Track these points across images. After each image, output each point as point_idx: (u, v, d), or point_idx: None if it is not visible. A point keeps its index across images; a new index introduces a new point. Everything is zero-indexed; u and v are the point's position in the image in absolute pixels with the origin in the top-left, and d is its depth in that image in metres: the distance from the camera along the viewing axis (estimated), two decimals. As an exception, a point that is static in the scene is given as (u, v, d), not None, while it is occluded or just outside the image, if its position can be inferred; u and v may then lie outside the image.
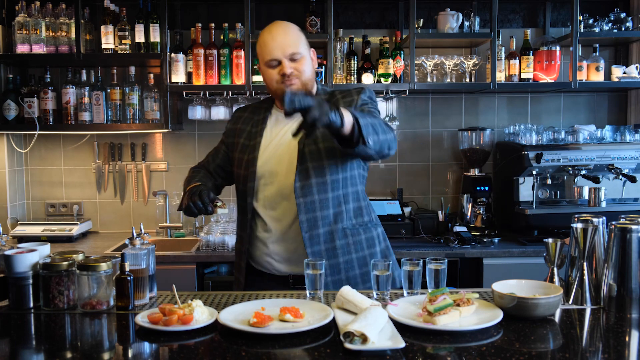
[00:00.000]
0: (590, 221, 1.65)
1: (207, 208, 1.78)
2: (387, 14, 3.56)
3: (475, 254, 2.91)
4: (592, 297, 1.63)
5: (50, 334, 1.50)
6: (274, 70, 1.87)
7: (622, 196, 3.17)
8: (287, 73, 1.85)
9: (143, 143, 3.52)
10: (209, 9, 3.50)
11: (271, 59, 1.86)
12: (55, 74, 3.44)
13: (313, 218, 1.88)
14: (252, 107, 2.10)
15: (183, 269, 2.89)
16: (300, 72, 1.87)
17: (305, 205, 1.87)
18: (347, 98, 1.96)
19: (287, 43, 1.85)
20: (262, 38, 1.89)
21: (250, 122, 2.04)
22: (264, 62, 1.88)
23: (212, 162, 2.11)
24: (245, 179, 1.96)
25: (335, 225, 1.91)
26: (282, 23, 1.92)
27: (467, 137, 3.39)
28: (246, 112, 2.10)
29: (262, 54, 1.89)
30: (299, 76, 1.87)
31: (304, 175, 1.87)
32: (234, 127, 2.08)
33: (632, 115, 3.57)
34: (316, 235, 1.89)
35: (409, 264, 1.67)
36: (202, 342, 1.38)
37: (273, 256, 1.96)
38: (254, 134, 1.99)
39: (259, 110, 2.06)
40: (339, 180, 1.91)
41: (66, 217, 3.51)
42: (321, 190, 1.89)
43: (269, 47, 1.86)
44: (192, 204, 1.78)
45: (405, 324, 1.42)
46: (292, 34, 1.88)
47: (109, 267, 1.64)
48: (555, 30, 3.57)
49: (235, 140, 2.05)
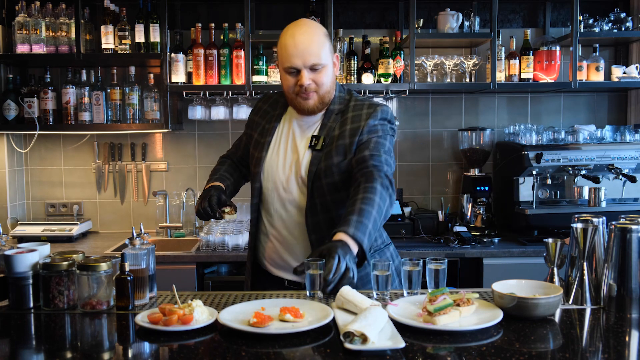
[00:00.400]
0: (590, 221, 1.65)
1: (215, 214, 1.76)
2: (387, 14, 3.56)
3: (475, 254, 2.91)
4: (592, 297, 1.63)
5: (50, 334, 1.50)
6: (292, 77, 1.79)
7: (622, 196, 3.17)
8: (305, 85, 1.77)
9: (143, 143, 3.52)
10: (209, 9, 3.51)
11: (290, 66, 1.77)
12: (55, 74, 3.44)
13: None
14: (272, 100, 2.01)
15: (183, 269, 2.89)
16: (319, 84, 1.79)
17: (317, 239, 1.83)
18: (354, 124, 1.84)
19: (310, 52, 1.75)
20: (284, 40, 1.78)
21: (266, 116, 1.98)
22: (283, 67, 1.79)
23: (236, 153, 2.09)
24: (254, 177, 1.92)
25: None
26: (307, 26, 1.79)
27: (467, 137, 3.39)
28: (266, 104, 2.01)
29: (281, 57, 1.79)
30: (318, 90, 1.79)
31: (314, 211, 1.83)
32: (254, 118, 2.02)
33: (632, 115, 3.57)
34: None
35: (409, 264, 1.67)
36: (202, 342, 1.38)
37: (269, 259, 1.94)
38: (267, 132, 1.93)
39: (276, 105, 1.98)
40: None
41: (66, 217, 3.51)
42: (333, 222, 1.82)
43: (289, 54, 1.75)
44: (202, 209, 1.78)
45: (405, 324, 1.41)
46: (316, 42, 1.76)
47: (109, 267, 1.64)
48: (555, 30, 3.57)
49: (252, 132, 1.99)
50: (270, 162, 1.89)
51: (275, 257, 1.93)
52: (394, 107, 3.57)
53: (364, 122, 1.83)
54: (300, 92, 1.79)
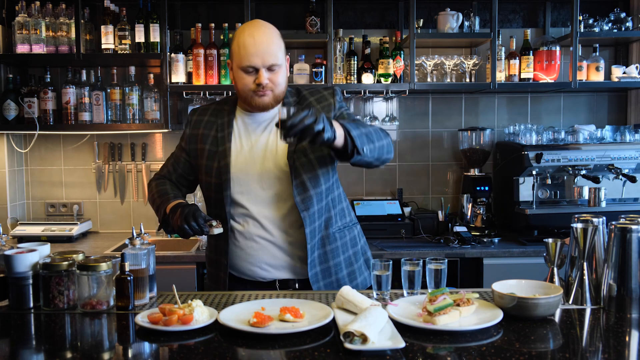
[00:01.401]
0: (590, 221, 1.65)
1: (203, 229, 1.72)
2: (387, 14, 3.56)
3: (475, 254, 2.91)
4: (592, 297, 1.63)
5: (50, 334, 1.50)
6: (249, 76, 1.80)
7: (622, 196, 3.17)
8: (264, 84, 1.79)
9: (143, 143, 3.52)
10: (209, 9, 3.51)
11: (249, 65, 1.78)
12: (55, 74, 3.44)
13: (315, 227, 1.88)
14: (212, 110, 1.99)
15: (183, 269, 2.89)
16: (275, 84, 1.81)
17: (309, 217, 1.86)
18: (323, 102, 1.92)
19: (269, 52, 1.77)
20: (242, 40, 1.79)
21: (213, 126, 1.94)
22: (240, 66, 1.80)
23: (173, 172, 2.02)
24: (219, 187, 1.88)
25: (326, 231, 1.91)
26: (264, 27, 1.82)
27: (467, 137, 3.39)
28: (205, 115, 1.98)
29: (239, 56, 1.80)
30: (273, 88, 1.82)
31: (302, 189, 1.85)
32: (196, 132, 1.96)
33: (632, 115, 3.57)
34: (314, 243, 1.89)
35: (409, 264, 1.67)
36: (202, 342, 1.38)
37: (257, 264, 1.90)
38: (222, 139, 1.90)
39: (220, 113, 1.96)
40: (329, 187, 1.92)
41: (66, 217, 3.51)
42: (319, 200, 1.88)
43: (248, 53, 1.77)
44: (187, 226, 1.72)
45: (405, 324, 1.42)
46: (275, 43, 1.80)
47: (109, 267, 1.64)
48: (555, 30, 3.57)
49: (199, 146, 1.94)
50: (239, 166, 1.88)
51: (267, 258, 1.90)
52: (394, 107, 3.57)
53: (332, 99, 1.93)
54: (257, 90, 1.81)
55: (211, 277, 2.02)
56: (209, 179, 1.91)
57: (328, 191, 1.92)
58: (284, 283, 1.92)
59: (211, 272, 2.02)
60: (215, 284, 1.98)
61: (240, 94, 1.87)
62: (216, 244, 1.96)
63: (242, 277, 1.95)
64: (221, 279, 1.95)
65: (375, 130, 1.78)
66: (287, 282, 1.92)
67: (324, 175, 1.89)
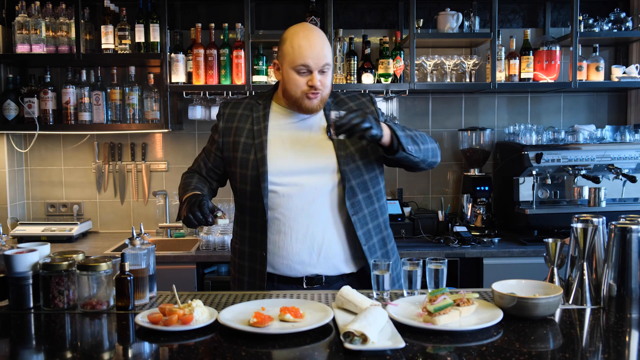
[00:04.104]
0: (590, 221, 1.65)
1: (207, 219, 1.73)
2: (387, 14, 3.56)
3: (475, 254, 2.91)
4: (592, 297, 1.63)
5: (50, 334, 1.50)
6: (302, 77, 1.82)
7: (622, 196, 3.17)
8: (317, 86, 1.82)
9: (143, 143, 3.52)
10: (209, 9, 3.50)
11: (303, 64, 1.80)
12: (55, 74, 3.44)
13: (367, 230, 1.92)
14: (245, 104, 2.00)
15: (183, 269, 2.89)
16: (325, 86, 1.85)
17: (359, 221, 1.90)
18: (363, 109, 1.97)
19: (323, 54, 1.82)
20: (297, 41, 1.81)
21: (248, 119, 1.96)
22: (293, 66, 1.82)
23: (204, 167, 2.03)
24: (257, 180, 1.88)
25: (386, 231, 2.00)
26: (316, 29, 1.86)
27: (467, 137, 3.39)
28: (239, 108, 1.99)
29: (293, 57, 1.81)
30: (323, 91, 1.85)
31: (351, 193, 1.88)
32: (229, 125, 1.97)
33: (632, 115, 3.57)
34: (372, 245, 1.93)
35: (409, 264, 1.67)
36: (202, 342, 1.38)
37: (289, 257, 1.89)
38: (258, 132, 1.92)
39: (255, 106, 1.97)
40: (379, 191, 1.98)
41: (66, 217, 3.51)
42: (368, 204, 1.93)
43: (304, 53, 1.80)
44: (192, 216, 1.73)
45: (405, 324, 1.42)
46: (327, 46, 1.85)
47: (109, 267, 1.64)
48: (555, 30, 3.57)
49: (233, 139, 1.95)
50: (279, 159, 1.88)
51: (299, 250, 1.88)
52: (394, 107, 3.57)
53: (373, 107, 2.01)
54: (308, 92, 1.83)
55: (240, 269, 1.97)
56: (244, 171, 1.92)
57: (377, 195, 1.97)
58: (311, 280, 1.90)
59: (249, 265, 1.95)
60: (255, 277, 1.93)
61: (291, 95, 1.87)
62: (251, 236, 1.94)
63: (273, 272, 1.92)
64: (257, 271, 1.91)
65: (421, 134, 1.89)
66: (314, 278, 1.90)
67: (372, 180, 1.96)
